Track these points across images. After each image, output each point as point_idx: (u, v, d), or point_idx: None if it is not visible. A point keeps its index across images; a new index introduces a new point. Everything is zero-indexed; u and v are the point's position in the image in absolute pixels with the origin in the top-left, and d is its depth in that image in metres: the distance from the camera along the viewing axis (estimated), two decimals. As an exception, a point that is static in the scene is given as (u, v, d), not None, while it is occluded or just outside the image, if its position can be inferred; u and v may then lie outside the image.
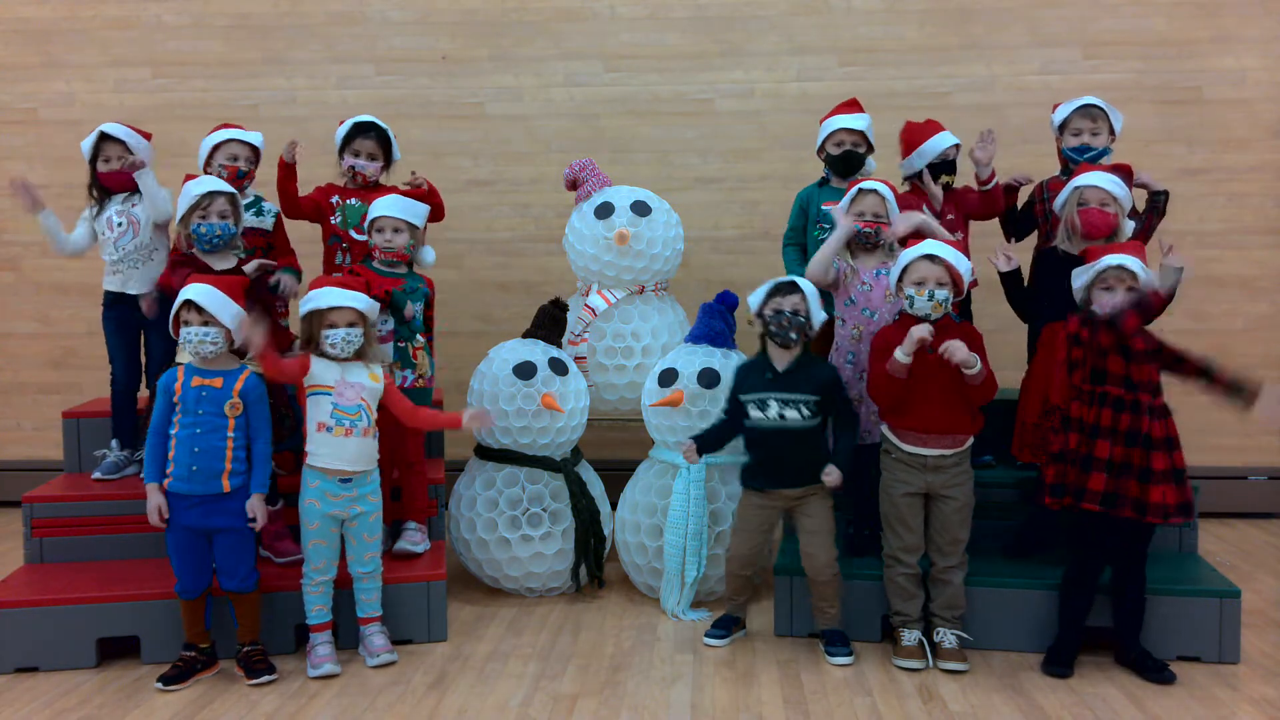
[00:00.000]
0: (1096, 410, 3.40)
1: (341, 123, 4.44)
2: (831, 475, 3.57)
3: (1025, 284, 4.00)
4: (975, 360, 3.44)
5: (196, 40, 5.51)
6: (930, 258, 3.51)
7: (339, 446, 3.53)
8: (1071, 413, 3.47)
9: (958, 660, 3.51)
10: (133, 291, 4.21)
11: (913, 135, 4.27)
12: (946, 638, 3.56)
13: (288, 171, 4.21)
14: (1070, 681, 3.43)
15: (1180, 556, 3.91)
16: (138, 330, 4.26)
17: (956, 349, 3.41)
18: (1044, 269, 3.90)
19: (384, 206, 4.04)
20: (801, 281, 3.68)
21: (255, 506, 3.46)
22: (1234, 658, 3.56)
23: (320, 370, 3.55)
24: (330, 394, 3.53)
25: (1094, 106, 4.07)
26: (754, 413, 3.66)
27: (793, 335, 3.63)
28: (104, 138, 4.19)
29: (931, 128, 4.23)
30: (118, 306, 4.24)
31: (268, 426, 3.51)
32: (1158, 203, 4.02)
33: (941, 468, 3.57)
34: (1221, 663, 3.55)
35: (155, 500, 3.44)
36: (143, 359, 4.31)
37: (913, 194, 4.23)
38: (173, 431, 3.44)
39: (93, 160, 4.22)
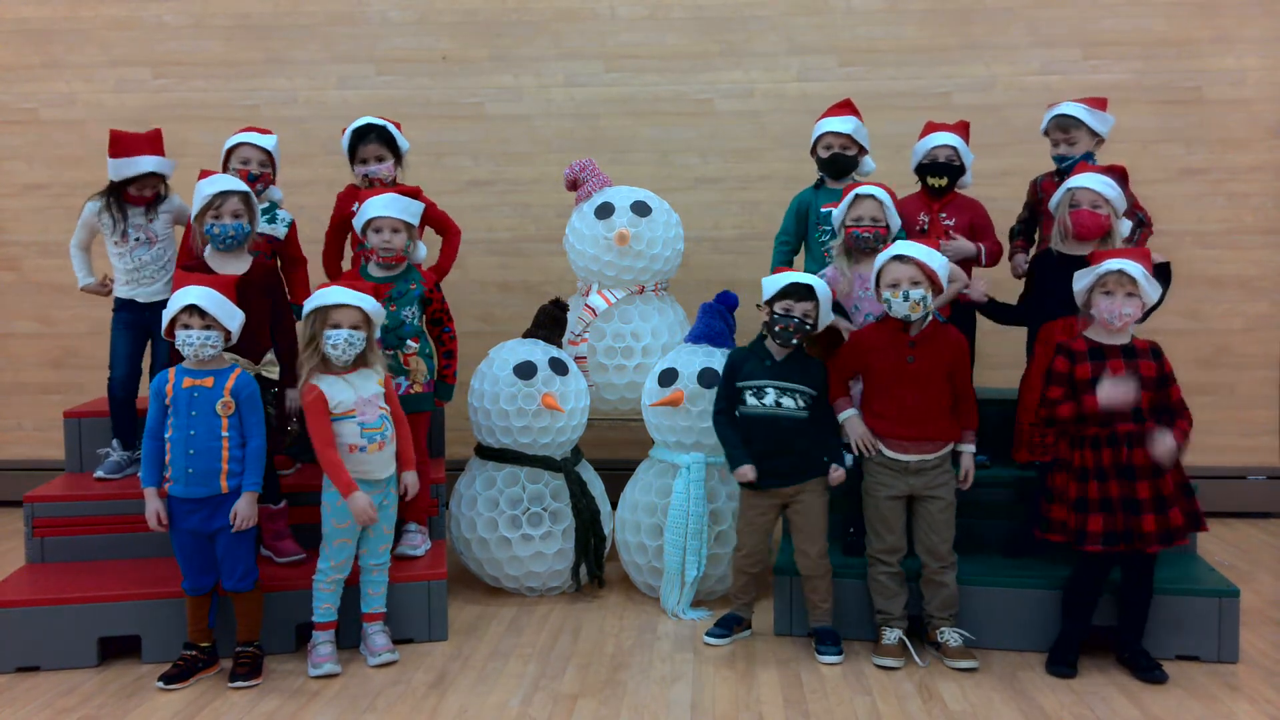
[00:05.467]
0: (1081, 453, 3.44)
1: (344, 130, 4.45)
2: (838, 472, 3.63)
3: (1025, 288, 4.03)
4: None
5: (197, 40, 5.52)
6: (900, 258, 3.52)
7: (375, 461, 3.54)
8: (1062, 455, 3.52)
9: (967, 658, 3.51)
10: (142, 300, 4.20)
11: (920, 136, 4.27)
12: (951, 637, 3.57)
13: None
14: (1070, 681, 3.43)
15: (1179, 556, 3.90)
16: (145, 334, 4.26)
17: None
18: (1041, 269, 3.91)
19: (380, 206, 3.95)
20: (818, 286, 3.67)
21: (240, 507, 3.42)
22: (1233, 657, 3.57)
23: (336, 395, 3.50)
24: (354, 416, 3.51)
25: (1065, 117, 4.07)
26: (750, 400, 3.69)
27: (795, 340, 3.66)
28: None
29: (927, 129, 4.23)
30: (128, 311, 4.23)
31: (261, 425, 3.50)
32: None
33: (923, 470, 3.59)
34: (1220, 662, 3.55)
35: (153, 506, 3.44)
36: (144, 363, 4.31)
37: (916, 195, 4.24)
38: (167, 435, 3.44)
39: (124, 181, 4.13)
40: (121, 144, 4.11)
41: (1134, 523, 3.36)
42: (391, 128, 4.43)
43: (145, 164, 4.11)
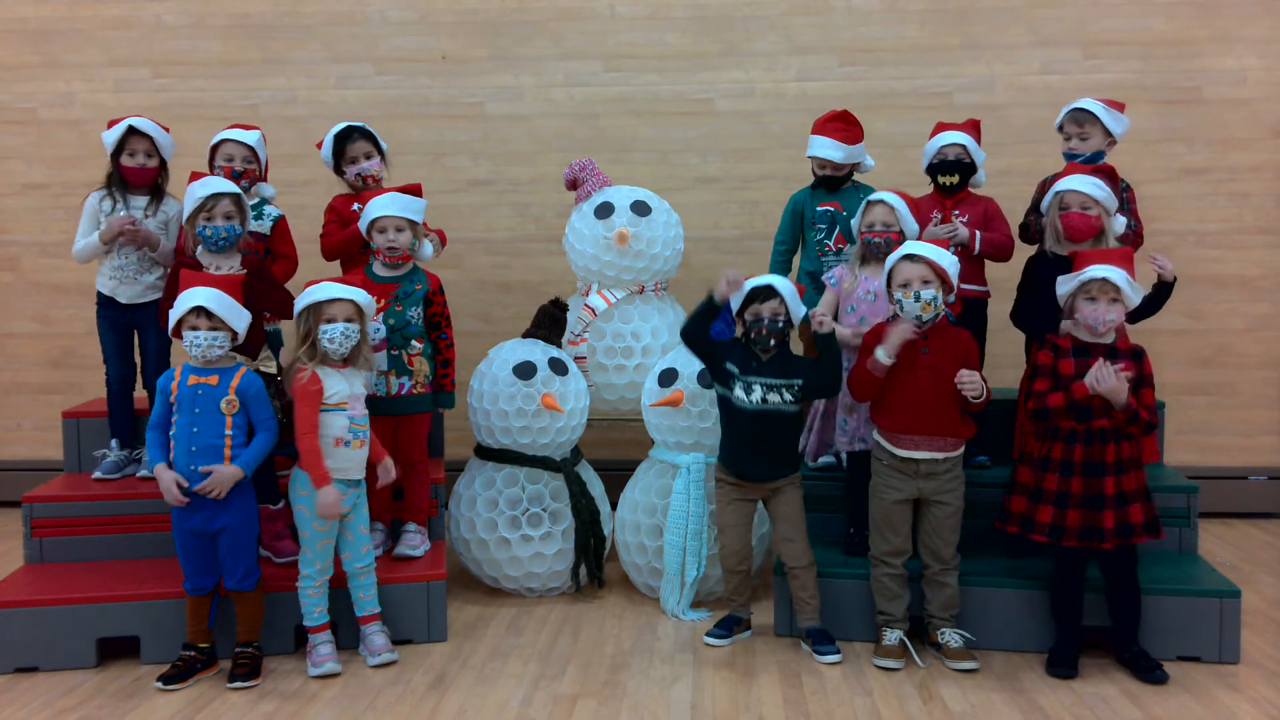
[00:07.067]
0: (1050, 445, 3.46)
1: (319, 145, 4.44)
2: (817, 318, 3.63)
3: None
4: (982, 391, 3.48)
5: (196, 40, 5.51)
6: (910, 258, 3.52)
7: (354, 457, 3.54)
8: (1027, 447, 3.54)
9: (967, 659, 3.51)
10: (123, 300, 4.18)
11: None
12: (951, 638, 3.56)
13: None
14: (1070, 681, 3.43)
15: (1180, 557, 3.90)
16: (130, 331, 4.25)
17: (970, 385, 3.44)
18: (1035, 272, 3.91)
19: (383, 205, 3.96)
20: (779, 283, 3.68)
21: (218, 471, 3.37)
22: (1234, 658, 3.56)
23: (332, 385, 3.52)
24: (346, 409, 3.52)
25: (1081, 110, 4.08)
26: (738, 394, 3.69)
27: (772, 341, 3.66)
28: (130, 131, 4.12)
29: (937, 129, 4.23)
30: (110, 308, 4.22)
31: (272, 419, 3.51)
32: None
33: (934, 474, 3.57)
34: (1222, 663, 3.55)
35: (168, 477, 3.37)
36: (137, 359, 4.30)
37: (930, 195, 4.24)
38: (171, 432, 3.43)
39: (115, 153, 4.14)
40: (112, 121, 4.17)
41: (1094, 519, 3.39)
42: (369, 128, 4.43)
43: (128, 121, 4.11)
